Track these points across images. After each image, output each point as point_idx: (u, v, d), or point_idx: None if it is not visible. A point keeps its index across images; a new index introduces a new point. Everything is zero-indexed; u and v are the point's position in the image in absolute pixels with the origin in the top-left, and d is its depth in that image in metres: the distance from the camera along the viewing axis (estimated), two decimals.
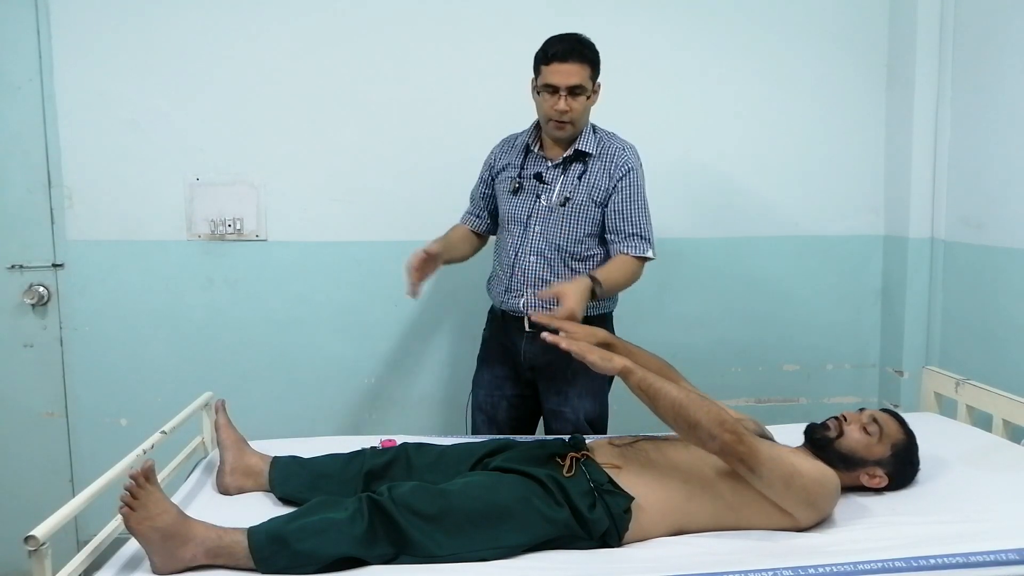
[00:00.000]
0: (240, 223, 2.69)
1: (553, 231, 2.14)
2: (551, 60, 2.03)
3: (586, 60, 2.04)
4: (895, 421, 1.78)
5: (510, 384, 2.28)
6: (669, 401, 1.59)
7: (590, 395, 2.20)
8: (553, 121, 2.07)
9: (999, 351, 2.47)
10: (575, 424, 2.18)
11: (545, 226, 2.14)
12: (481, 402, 2.31)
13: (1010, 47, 2.41)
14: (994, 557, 1.41)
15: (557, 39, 2.05)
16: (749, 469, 1.56)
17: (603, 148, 2.15)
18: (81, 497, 1.42)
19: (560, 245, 2.14)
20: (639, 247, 2.12)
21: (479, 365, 2.36)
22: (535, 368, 2.22)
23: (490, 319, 2.34)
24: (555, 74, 2.02)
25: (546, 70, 2.04)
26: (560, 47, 2.03)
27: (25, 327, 2.68)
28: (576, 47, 2.03)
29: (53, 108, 2.59)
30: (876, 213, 2.92)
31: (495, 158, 2.27)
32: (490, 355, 2.32)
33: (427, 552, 1.46)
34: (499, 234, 2.29)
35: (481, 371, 2.34)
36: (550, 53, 2.03)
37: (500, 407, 2.28)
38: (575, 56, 2.02)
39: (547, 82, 2.04)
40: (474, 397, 2.34)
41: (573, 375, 2.16)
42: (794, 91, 2.84)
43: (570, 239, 2.14)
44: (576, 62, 2.02)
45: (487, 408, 2.30)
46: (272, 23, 2.63)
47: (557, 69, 2.02)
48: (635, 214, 2.13)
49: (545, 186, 2.15)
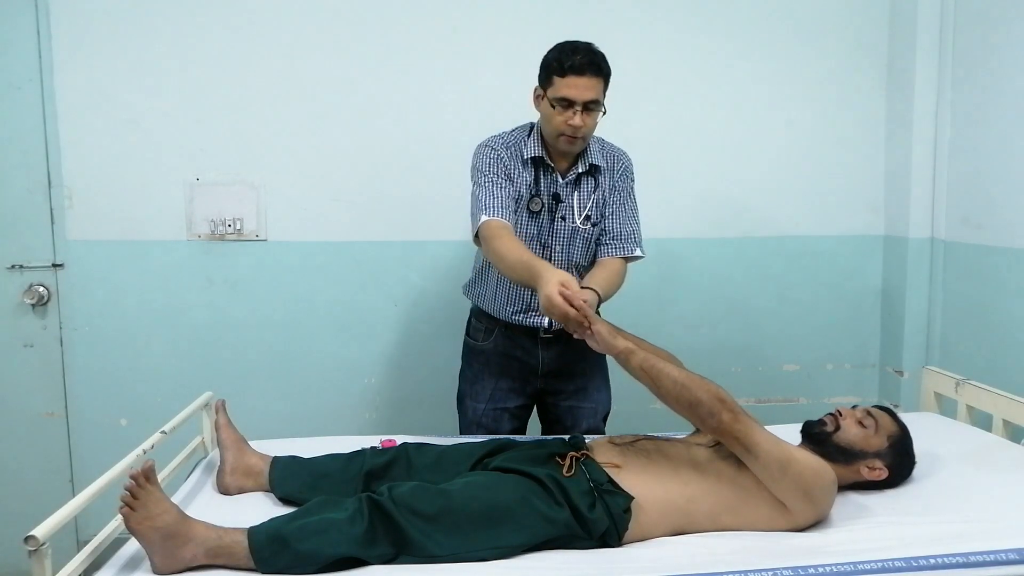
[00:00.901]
0: (240, 223, 2.69)
1: (574, 251, 2.09)
2: (567, 72, 1.91)
3: (602, 74, 1.93)
4: (888, 415, 1.80)
5: (514, 396, 2.19)
6: (671, 381, 1.60)
7: (605, 388, 2.23)
8: (565, 136, 1.97)
9: (999, 351, 2.47)
10: (593, 418, 2.20)
11: (566, 246, 2.08)
12: (481, 416, 2.20)
13: (1010, 47, 2.41)
14: (994, 557, 1.41)
15: (571, 49, 1.93)
16: (746, 449, 1.56)
17: (607, 158, 2.12)
18: (81, 497, 1.42)
19: (580, 263, 2.11)
20: (630, 248, 2.11)
21: (475, 378, 2.21)
22: (550, 373, 2.18)
23: (485, 330, 2.19)
24: (572, 88, 1.91)
25: (561, 82, 1.92)
26: (577, 59, 1.90)
27: (25, 327, 2.68)
28: (594, 60, 1.92)
29: (53, 108, 2.59)
30: (876, 213, 2.92)
31: (506, 164, 2.05)
32: (492, 368, 2.19)
33: (427, 552, 1.46)
34: None
35: (479, 384, 2.20)
36: (567, 65, 1.91)
37: (503, 419, 2.20)
38: (592, 70, 1.91)
39: (562, 95, 1.92)
40: (470, 411, 2.22)
41: (590, 370, 2.18)
42: (794, 91, 2.84)
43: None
44: (593, 76, 1.91)
45: (488, 423, 2.19)
46: (272, 23, 2.64)
47: (574, 83, 1.91)
48: (629, 215, 2.12)
49: (563, 205, 2.06)
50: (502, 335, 2.16)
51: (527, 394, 2.21)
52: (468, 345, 2.27)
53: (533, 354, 2.15)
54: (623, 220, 2.11)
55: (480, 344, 2.21)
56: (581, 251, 2.10)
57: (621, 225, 2.10)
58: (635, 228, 2.13)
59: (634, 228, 2.12)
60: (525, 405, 2.24)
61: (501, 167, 2.05)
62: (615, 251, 2.09)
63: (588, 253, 2.12)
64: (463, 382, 2.27)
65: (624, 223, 2.11)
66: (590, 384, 2.21)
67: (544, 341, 2.12)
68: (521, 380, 2.19)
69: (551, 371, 2.17)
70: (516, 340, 2.15)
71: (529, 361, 2.16)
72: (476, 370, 2.22)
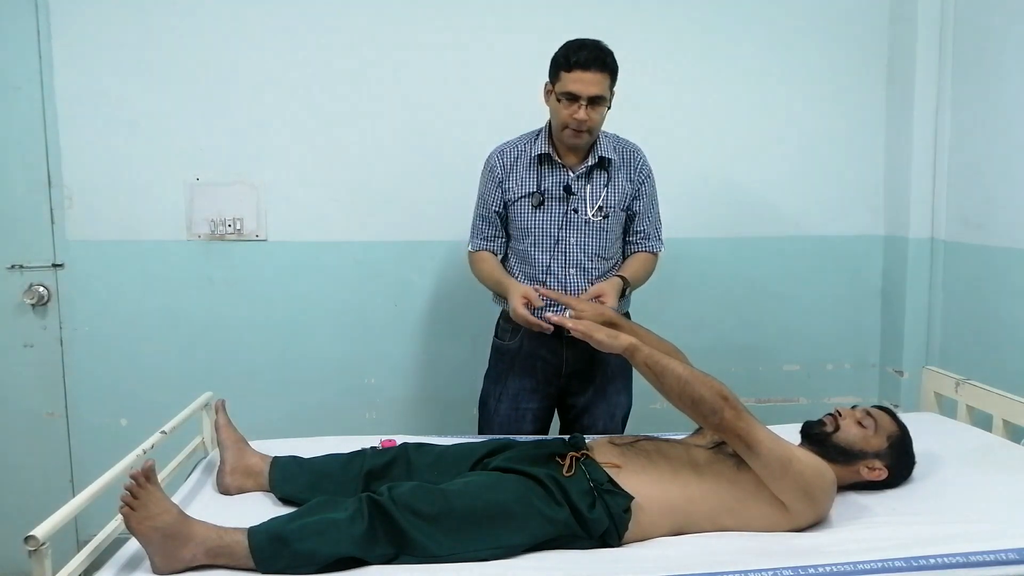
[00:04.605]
0: (240, 223, 2.69)
1: (589, 242, 2.13)
2: (573, 67, 1.97)
3: (608, 69, 1.99)
4: (888, 415, 1.80)
5: (537, 396, 2.22)
6: (675, 377, 1.60)
7: (626, 390, 2.26)
8: (570, 129, 2.03)
9: (999, 351, 2.46)
10: (611, 420, 2.22)
11: (580, 238, 2.12)
12: (504, 417, 2.22)
13: (1010, 47, 2.41)
14: (994, 557, 1.41)
15: (578, 45, 1.99)
16: (747, 447, 1.56)
17: (621, 152, 2.17)
18: (81, 497, 1.42)
19: (597, 254, 2.14)
20: (657, 245, 2.25)
21: (498, 378, 2.25)
22: (572, 373, 2.19)
23: (512, 330, 2.20)
24: (577, 82, 1.97)
25: (567, 77, 1.98)
26: (583, 55, 1.96)
27: (25, 327, 2.68)
28: (599, 56, 1.97)
29: (53, 108, 2.59)
30: (876, 213, 2.92)
31: (503, 174, 2.15)
32: (516, 367, 2.21)
33: (427, 552, 1.46)
34: (517, 250, 2.19)
35: (503, 384, 2.23)
36: (572, 60, 1.97)
37: (524, 420, 2.22)
38: (598, 65, 1.97)
39: (568, 90, 1.98)
40: (492, 411, 2.25)
41: (611, 372, 2.20)
42: (794, 91, 2.84)
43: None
44: (599, 71, 1.97)
45: (509, 423, 2.21)
46: (272, 23, 2.63)
47: (580, 77, 1.97)
48: (655, 214, 2.25)
49: (575, 198, 2.11)
50: (528, 334, 2.17)
51: (549, 395, 2.24)
52: (495, 346, 2.30)
53: (558, 353, 2.18)
54: (650, 220, 2.23)
55: (507, 344, 2.24)
56: (597, 242, 2.14)
57: (649, 224, 2.23)
58: (659, 226, 2.26)
59: (658, 226, 2.26)
60: (547, 407, 2.26)
61: (494, 184, 2.17)
62: (641, 248, 2.23)
63: (605, 245, 2.15)
64: (487, 382, 2.31)
65: (651, 223, 2.24)
66: (609, 386, 2.22)
67: (569, 340, 2.13)
68: (544, 380, 2.21)
69: (573, 371, 2.20)
70: (541, 339, 2.16)
71: (553, 361, 2.19)
72: (500, 370, 2.26)
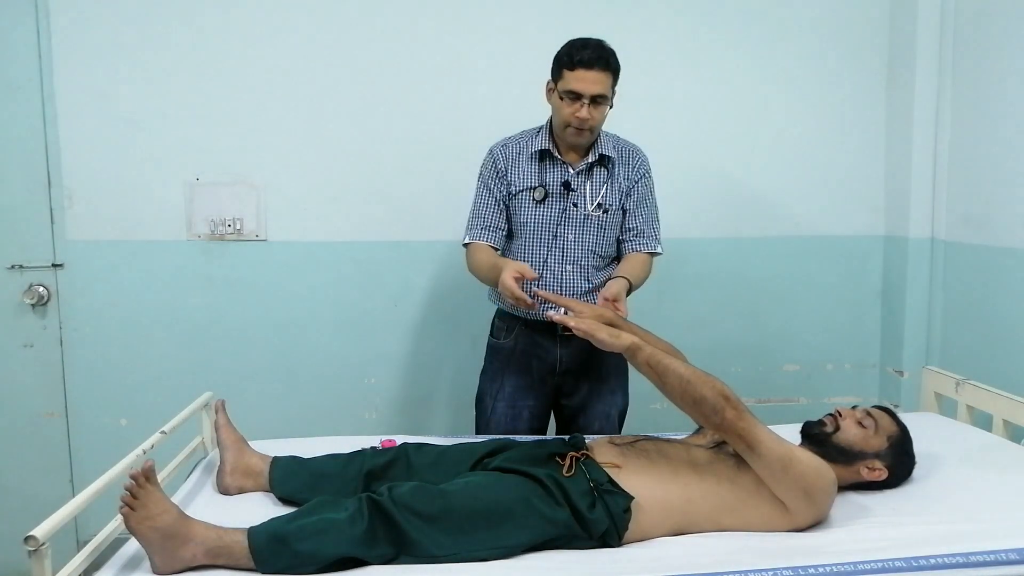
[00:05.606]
0: (240, 223, 2.69)
1: (588, 238, 2.14)
2: (576, 66, 1.98)
3: (610, 69, 2.00)
4: (888, 415, 1.80)
5: (533, 394, 2.22)
6: (676, 377, 1.60)
7: (621, 389, 2.26)
8: (572, 127, 2.05)
9: (999, 351, 2.46)
10: (606, 420, 2.22)
11: (579, 234, 2.13)
12: (501, 414, 2.22)
13: (1010, 47, 2.41)
14: (994, 557, 1.41)
15: (581, 44, 2.00)
16: (748, 446, 1.56)
17: (620, 151, 2.18)
18: (81, 497, 1.42)
19: (595, 251, 2.15)
20: (653, 244, 2.20)
21: (494, 376, 2.25)
22: (567, 372, 2.20)
23: (507, 328, 2.22)
24: (579, 81, 1.99)
25: (570, 75, 2.00)
26: (586, 54, 1.98)
27: (25, 327, 2.68)
28: (602, 55, 1.99)
29: (53, 108, 2.59)
30: (876, 213, 2.92)
31: (505, 168, 2.15)
32: (511, 365, 2.22)
33: (427, 552, 1.46)
34: (516, 245, 2.18)
35: (498, 382, 2.24)
36: (575, 59, 1.98)
37: (520, 418, 2.23)
38: (600, 64, 1.98)
39: (570, 88, 2.00)
40: (490, 410, 2.24)
41: (606, 371, 2.20)
42: (794, 91, 2.84)
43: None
44: (601, 70, 1.98)
45: (505, 421, 2.21)
46: (272, 23, 2.64)
47: (582, 76, 1.98)
48: (651, 213, 2.21)
49: (574, 193, 2.13)
50: (522, 332, 2.20)
51: (545, 392, 2.24)
52: (490, 344, 2.31)
53: (551, 351, 2.18)
54: (645, 219, 2.20)
55: (501, 342, 2.25)
56: (595, 239, 2.15)
57: (643, 223, 2.19)
58: (655, 225, 2.22)
59: (654, 225, 2.22)
60: (543, 404, 2.26)
61: (496, 178, 2.16)
62: (636, 246, 2.19)
63: (604, 241, 2.16)
64: (483, 380, 2.30)
65: (646, 221, 2.20)
66: (604, 386, 2.22)
67: (563, 339, 2.14)
68: (539, 378, 2.22)
69: (568, 370, 2.20)
70: (535, 337, 2.18)
71: (547, 359, 2.19)
72: (496, 368, 2.26)
